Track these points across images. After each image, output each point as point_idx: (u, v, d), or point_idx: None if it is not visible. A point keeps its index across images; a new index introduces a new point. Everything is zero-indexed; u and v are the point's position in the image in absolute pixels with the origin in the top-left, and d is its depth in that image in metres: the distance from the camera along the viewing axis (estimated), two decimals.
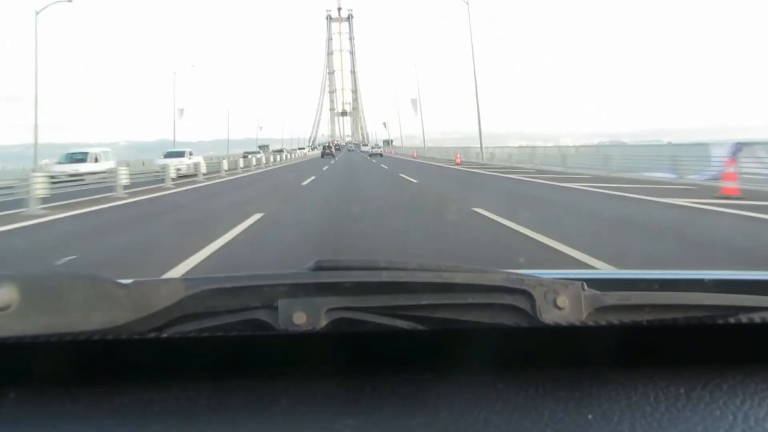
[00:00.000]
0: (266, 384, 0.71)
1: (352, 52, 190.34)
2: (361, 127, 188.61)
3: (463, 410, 0.65)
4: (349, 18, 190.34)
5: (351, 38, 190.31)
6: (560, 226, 7.22)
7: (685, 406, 0.65)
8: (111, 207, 11.94)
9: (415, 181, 17.95)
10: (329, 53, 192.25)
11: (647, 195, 10.67)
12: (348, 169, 29.46)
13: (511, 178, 17.57)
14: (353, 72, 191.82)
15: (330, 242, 6.65)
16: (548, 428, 0.62)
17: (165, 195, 15.02)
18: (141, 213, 11.02)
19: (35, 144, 29.75)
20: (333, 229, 7.89)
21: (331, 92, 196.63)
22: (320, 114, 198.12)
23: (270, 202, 11.96)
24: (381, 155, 61.34)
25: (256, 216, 8.58)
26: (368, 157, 55.30)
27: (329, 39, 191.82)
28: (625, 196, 10.75)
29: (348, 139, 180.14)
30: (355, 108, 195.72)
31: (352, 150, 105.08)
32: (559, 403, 0.66)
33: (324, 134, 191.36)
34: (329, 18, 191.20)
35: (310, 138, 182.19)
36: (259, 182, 20.33)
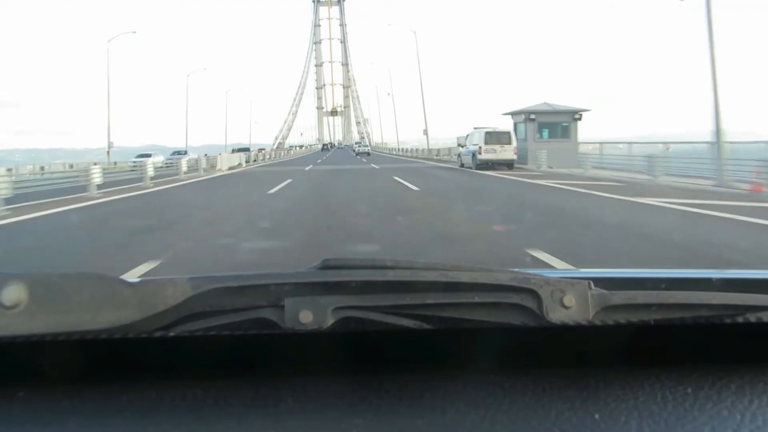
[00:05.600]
0: (273, 383, 0.71)
1: (343, 41, 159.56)
2: (358, 123, 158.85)
3: (470, 409, 0.65)
4: (340, 1, 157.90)
5: (342, 25, 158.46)
6: None
7: (692, 405, 0.65)
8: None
9: None
10: (316, 42, 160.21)
11: None
12: None
13: None
14: (345, 64, 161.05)
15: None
16: (555, 427, 0.62)
17: None
18: None
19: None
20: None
21: (319, 88, 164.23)
22: (296, 110, 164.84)
23: None
24: (368, 154, 55.93)
25: None
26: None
27: (316, 25, 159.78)
28: None
29: (338, 142, 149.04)
30: (347, 106, 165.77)
31: (342, 148, 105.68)
32: (566, 403, 0.66)
33: (303, 134, 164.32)
34: (316, 0, 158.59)
35: (277, 138, 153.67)
36: None
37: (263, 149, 62.03)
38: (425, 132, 48.90)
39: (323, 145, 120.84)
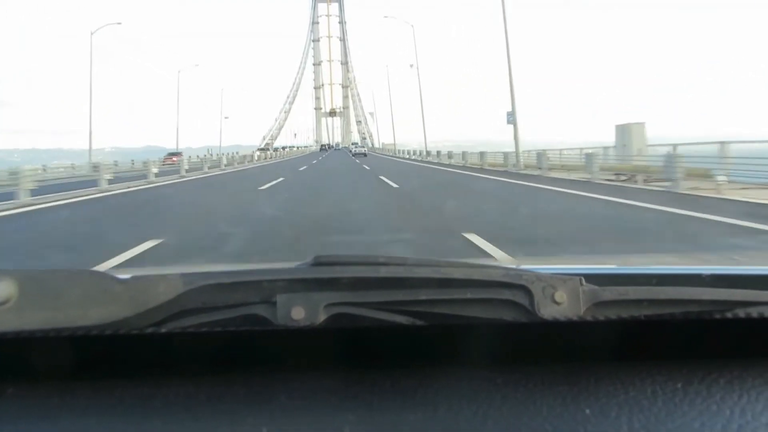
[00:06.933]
0: (265, 379, 0.71)
1: (342, 39, 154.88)
2: (359, 122, 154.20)
3: (462, 405, 0.66)
4: None
5: (342, 22, 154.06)
6: None
7: (682, 400, 0.66)
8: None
9: None
10: (314, 40, 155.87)
11: None
12: None
13: None
14: (344, 63, 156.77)
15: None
16: (546, 423, 0.62)
17: None
18: None
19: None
20: None
21: (317, 88, 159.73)
22: (288, 107, 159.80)
23: None
24: (365, 155, 52.30)
25: None
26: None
27: (314, 22, 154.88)
28: None
29: (336, 144, 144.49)
30: (346, 107, 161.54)
31: (339, 149, 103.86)
32: (557, 398, 0.66)
33: (297, 135, 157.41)
34: None
35: (265, 138, 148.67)
36: None
37: (176, 154, 39.74)
38: (511, 118, 24.38)
39: (321, 146, 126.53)
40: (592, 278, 0.77)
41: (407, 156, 52.17)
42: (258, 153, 54.30)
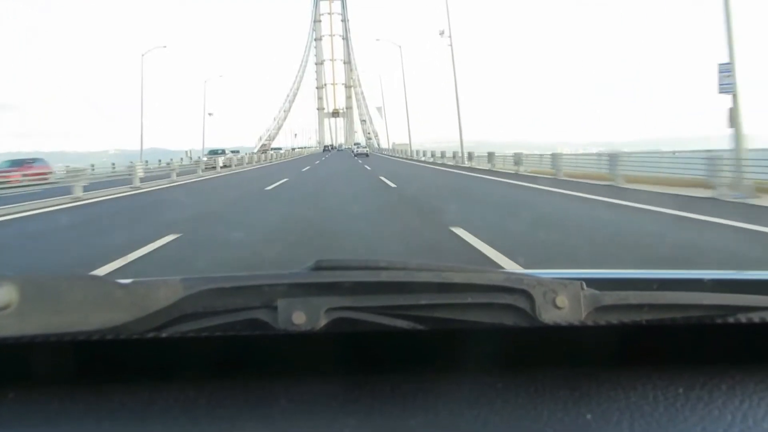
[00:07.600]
0: (266, 384, 0.71)
1: (345, 38, 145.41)
2: (363, 121, 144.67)
3: (463, 409, 0.65)
4: None
5: (344, 20, 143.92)
6: None
7: (683, 405, 0.66)
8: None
9: None
10: (317, 39, 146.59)
11: None
12: None
13: None
14: (347, 62, 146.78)
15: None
16: (547, 428, 0.62)
17: None
18: None
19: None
20: None
21: (319, 88, 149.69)
22: (288, 106, 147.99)
23: None
24: (367, 155, 52.07)
25: None
26: None
27: (316, 21, 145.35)
28: None
29: (339, 145, 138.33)
30: (350, 107, 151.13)
31: (342, 150, 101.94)
32: (559, 403, 0.66)
33: (297, 135, 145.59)
34: None
35: (261, 139, 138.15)
36: None
37: (24, 164, 23.35)
38: (727, 80, 10.27)
39: (324, 147, 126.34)
40: (593, 283, 0.77)
41: (431, 159, 37.29)
42: (223, 159, 35.90)
